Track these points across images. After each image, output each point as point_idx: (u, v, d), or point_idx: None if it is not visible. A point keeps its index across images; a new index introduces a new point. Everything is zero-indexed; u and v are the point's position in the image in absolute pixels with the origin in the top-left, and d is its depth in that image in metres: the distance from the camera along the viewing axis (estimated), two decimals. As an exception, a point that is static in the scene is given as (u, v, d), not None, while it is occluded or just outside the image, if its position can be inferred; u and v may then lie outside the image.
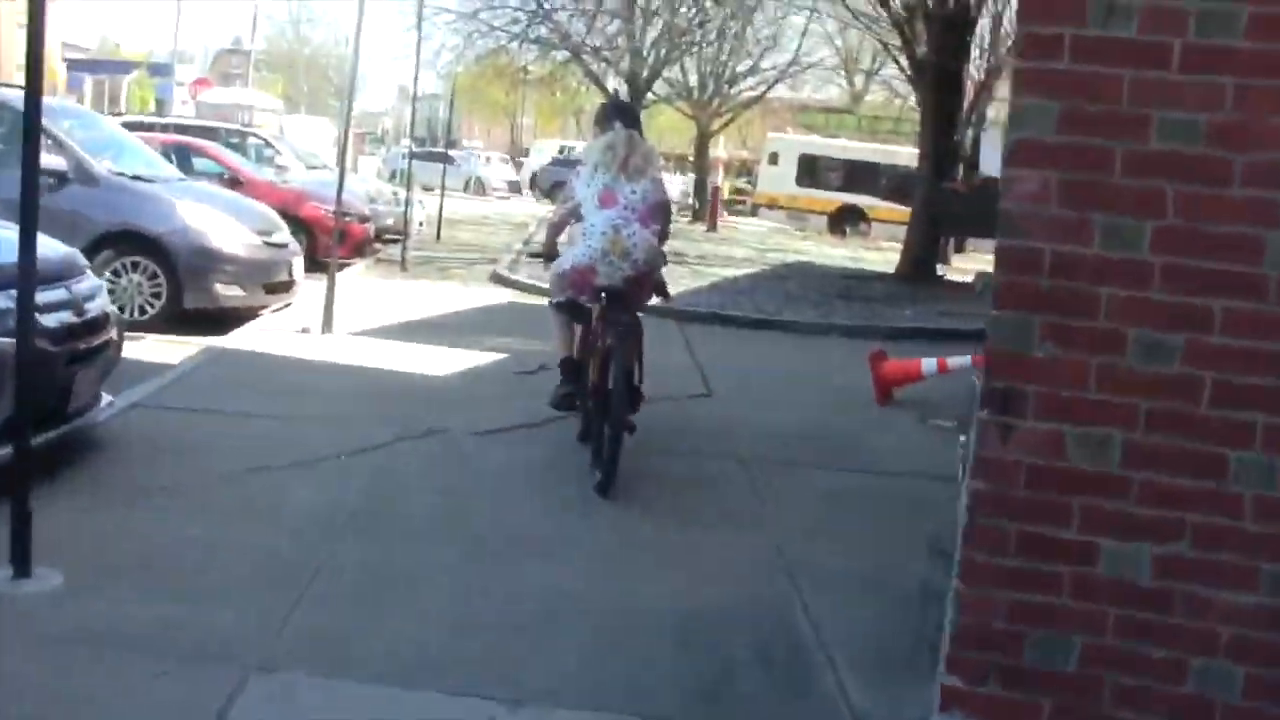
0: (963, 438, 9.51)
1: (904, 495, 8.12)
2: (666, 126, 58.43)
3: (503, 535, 6.48)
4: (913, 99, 35.21)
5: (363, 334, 12.17)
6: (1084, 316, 3.58)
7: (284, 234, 13.69)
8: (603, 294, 7.73)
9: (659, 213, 7.93)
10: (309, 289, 13.50)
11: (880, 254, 30.79)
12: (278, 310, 13.22)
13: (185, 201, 12.65)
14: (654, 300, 8.48)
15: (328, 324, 11.96)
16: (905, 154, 39.02)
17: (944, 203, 22.59)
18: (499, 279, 18.42)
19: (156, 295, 12.11)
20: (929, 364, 11.25)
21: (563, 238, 8.48)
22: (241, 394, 9.21)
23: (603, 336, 7.68)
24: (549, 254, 8.42)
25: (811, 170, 43.15)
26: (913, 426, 10.30)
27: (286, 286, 13.37)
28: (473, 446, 8.27)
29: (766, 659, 5.19)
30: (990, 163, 17.81)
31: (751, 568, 6.37)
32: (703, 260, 23.89)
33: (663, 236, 8.09)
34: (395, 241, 20.54)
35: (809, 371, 12.78)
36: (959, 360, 11.11)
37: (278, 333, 11.89)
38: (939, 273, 23.80)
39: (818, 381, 12.11)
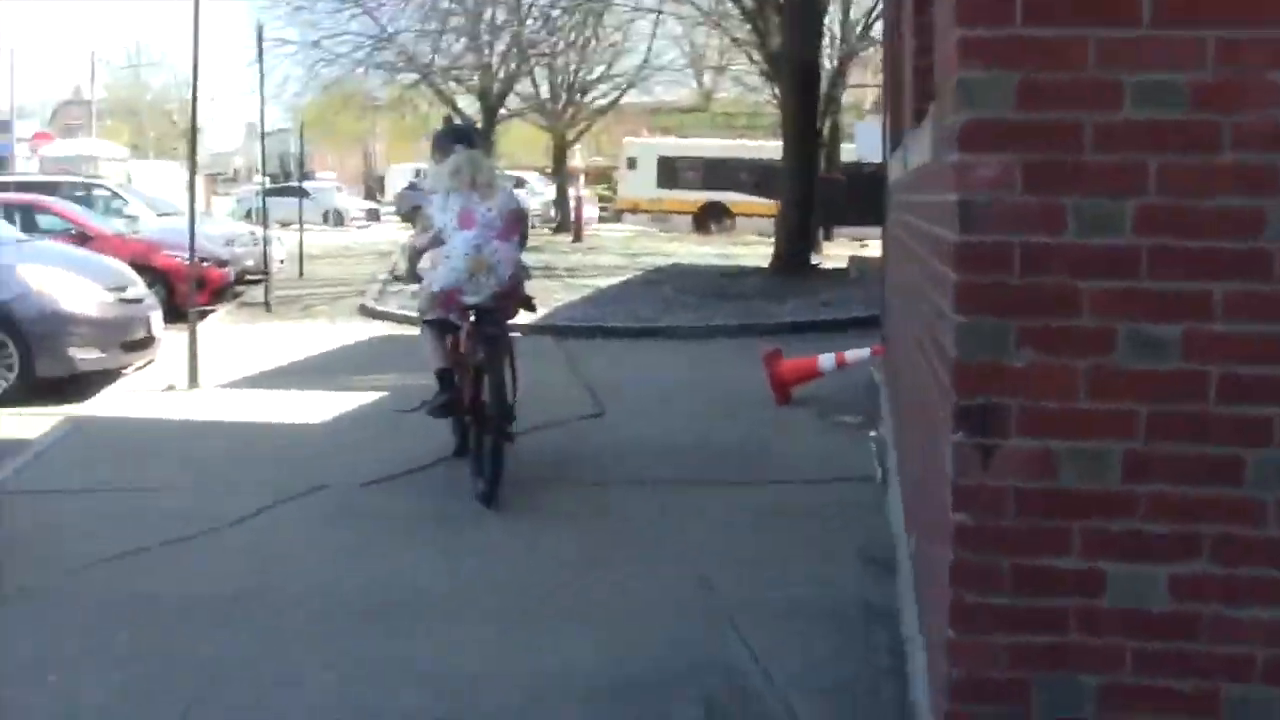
0: (872, 433, 9.19)
1: (824, 502, 7.70)
2: (520, 141, 57.81)
3: (398, 603, 5.85)
4: (765, 93, 35.10)
5: (231, 385, 11.56)
6: (1065, 315, 3.10)
7: (139, 288, 12.91)
8: (470, 312, 7.77)
9: (516, 224, 8.03)
10: (172, 342, 12.74)
11: (749, 248, 30.56)
12: (140, 369, 12.48)
13: (27, 265, 11.88)
14: (521, 314, 8.52)
15: (193, 378, 11.34)
16: (763, 147, 38.88)
17: (823, 193, 22.32)
18: (368, 311, 17.79)
19: (8, 367, 11.27)
20: (826, 360, 10.88)
21: (425, 262, 8.40)
22: (107, 467, 8.51)
23: (474, 352, 7.81)
24: (409, 279, 8.64)
25: (671, 171, 42.89)
26: (817, 426, 9.91)
27: (146, 343, 12.57)
28: (358, 500, 7.69)
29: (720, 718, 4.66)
30: (866, 149, 17.47)
31: (680, 608, 5.82)
32: (573, 272, 23.34)
33: (522, 240, 8.26)
34: (257, 282, 19.86)
35: (700, 378, 12.32)
36: (857, 353, 10.81)
37: (142, 394, 11.20)
38: (814, 262, 23.49)
39: (711, 387, 11.66)
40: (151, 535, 6.79)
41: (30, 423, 10.07)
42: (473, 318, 7.78)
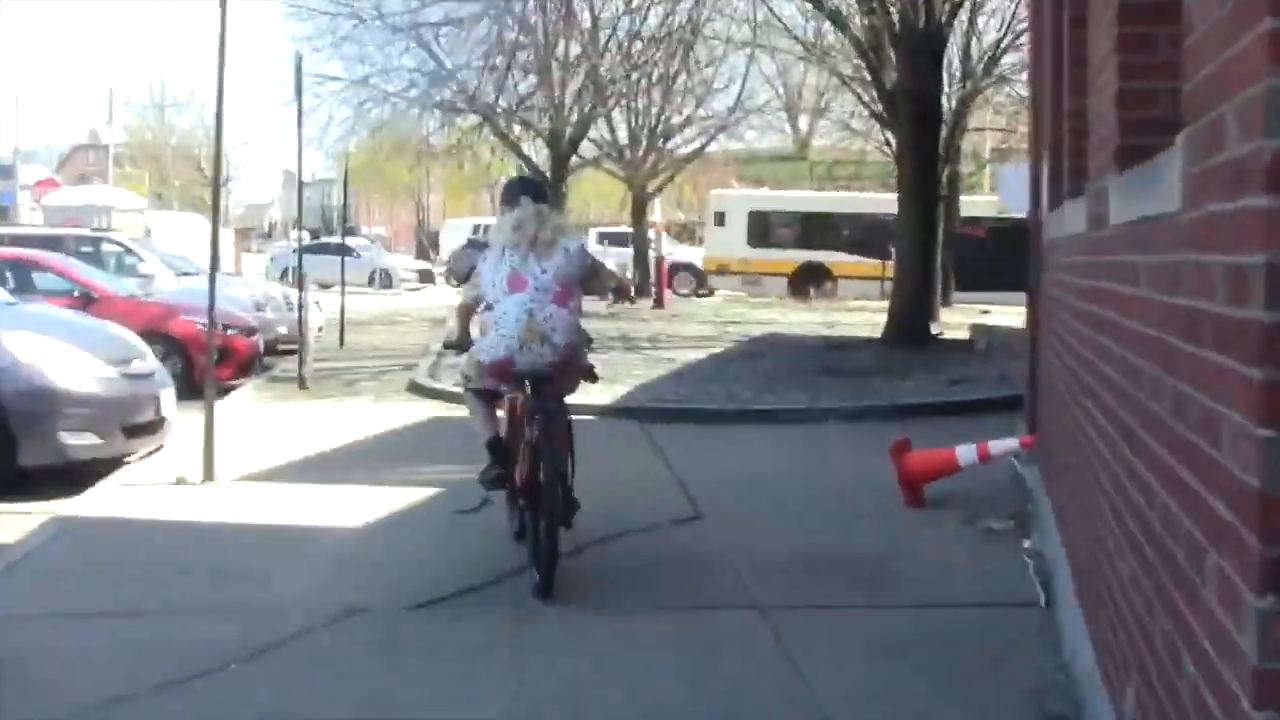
0: (1026, 543, 8.49)
1: (978, 633, 7.05)
2: (592, 192, 57.69)
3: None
4: (873, 138, 34.59)
5: (255, 478, 11.04)
6: None
7: (147, 361, 12.51)
8: (525, 381, 7.90)
9: (580, 284, 8.20)
10: (187, 425, 12.26)
11: (855, 315, 29.98)
12: (146, 456, 12.03)
13: (13, 333, 11.40)
14: (597, 395, 8.77)
15: (209, 470, 10.80)
16: (868, 200, 38.33)
17: (959, 251, 21.67)
18: (419, 389, 17.35)
19: (-15, 453, 10.88)
20: (966, 452, 10.21)
21: (475, 330, 8.61)
22: (98, 582, 7.98)
23: (528, 428, 7.85)
24: (461, 344, 8.66)
25: (764, 227, 42.27)
26: (960, 533, 9.22)
27: (155, 426, 12.13)
28: (404, 628, 7.11)
29: None
30: (1014, 198, 16.68)
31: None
32: (655, 343, 22.85)
33: (621, 291, 9.28)
34: (291, 353, 19.55)
35: (813, 470, 11.74)
36: (1003, 444, 10.17)
37: (147, 487, 10.70)
38: (934, 332, 22.82)
39: (827, 483, 11.06)
40: (144, 675, 6.20)
41: (7, 523, 9.60)
42: (528, 388, 7.89)
